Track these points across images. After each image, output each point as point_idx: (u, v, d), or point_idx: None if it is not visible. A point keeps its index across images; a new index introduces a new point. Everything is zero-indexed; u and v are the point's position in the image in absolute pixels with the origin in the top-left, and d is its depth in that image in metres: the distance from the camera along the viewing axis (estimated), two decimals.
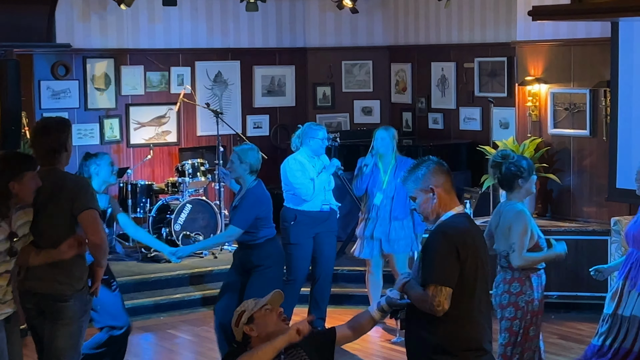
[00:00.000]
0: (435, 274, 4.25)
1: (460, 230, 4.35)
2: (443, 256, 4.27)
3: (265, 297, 4.43)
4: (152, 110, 11.40)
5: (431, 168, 4.44)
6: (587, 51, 9.59)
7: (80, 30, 10.88)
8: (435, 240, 4.32)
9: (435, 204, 4.41)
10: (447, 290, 4.24)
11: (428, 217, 4.45)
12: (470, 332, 4.35)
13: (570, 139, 9.82)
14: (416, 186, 4.43)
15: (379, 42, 12.33)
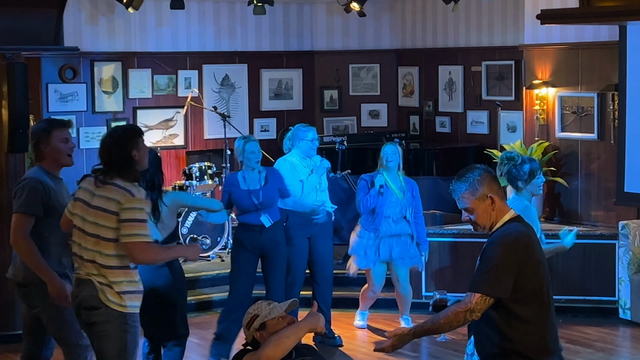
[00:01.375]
0: (489, 286, 4.20)
1: (521, 236, 4.29)
2: (499, 268, 4.21)
3: (280, 306, 4.42)
4: (160, 114, 11.41)
5: (484, 176, 4.36)
6: (595, 54, 9.57)
7: (88, 33, 10.90)
8: (494, 250, 4.25)
9: (494, 212, 4.35)
10: (490, 301, 4.22)
11: (486, 226, 4.37)
12: (544, 334, 4.34)
13: (578, 142, 9.80)
14: (473, 197, 4.33)
15: (387, 45, 12.33)
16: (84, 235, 5.09)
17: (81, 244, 5.10)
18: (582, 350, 7.90)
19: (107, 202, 5.00)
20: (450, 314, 4.23)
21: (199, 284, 9.74)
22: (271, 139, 12.00)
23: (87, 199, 5.14)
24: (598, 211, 9.68)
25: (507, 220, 4.34)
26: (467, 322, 4.26)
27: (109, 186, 5.04)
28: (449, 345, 8.04)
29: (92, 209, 5.06)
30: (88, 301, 5.04)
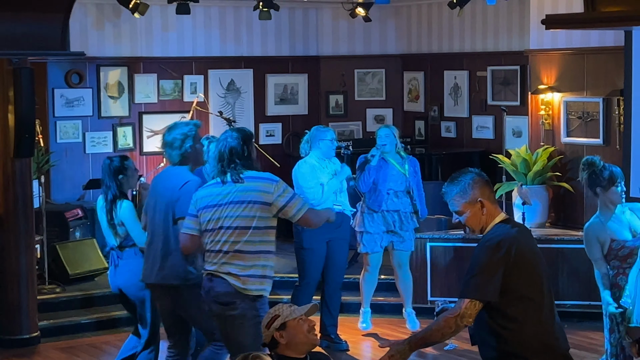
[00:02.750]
0: (477, 289, 4.23)
1: (507, 239, 4.29)
2: (485, 271, 4.23)
3: (301, 308, 4.43)
4: (165, 119, 11.40)
5: (475, 180, 4.40)
6: (601, 60, 9.57)
7: (94, 38, 10.92)
8: (479, 253, 4.29)
9: (485, 216, 4.38)
10: (480, 305, 4.23)
11: (475, 229, 4.41)
12: (540, 334, 4.33)
13: (583, 147, 9.80)
14: (463, 200, 4.37)
15: (392, 50, 12.33)
16: (220, 230, 5.40)
17: (217, 239, 5.42)
18: (587, 356, 7.88)
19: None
20: (442, 322, 4.25)
21: None
22: (276, 144, 12.01)
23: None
24: None
25: (497, 222, 4.36)
26: (459, 328, 4.25)
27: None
28: (455, 351, 8.03)
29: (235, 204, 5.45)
30: (223, 295, 5.39)
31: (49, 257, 9.39)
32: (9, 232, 8.29)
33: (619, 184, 5.95)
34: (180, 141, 5.93)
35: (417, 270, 8.91)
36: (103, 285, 9.47)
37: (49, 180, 10.59)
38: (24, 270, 8.31)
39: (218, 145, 5.56)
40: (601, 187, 5.93)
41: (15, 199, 8.29)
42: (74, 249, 9.69)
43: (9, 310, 8.30)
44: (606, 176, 5.91)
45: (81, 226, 10.19)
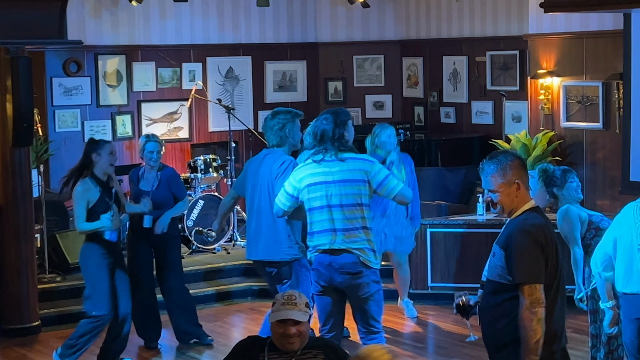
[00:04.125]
0: (529, 273, 4.29)
1: (541, 227, 4.38)
2: (531, 254, 4.30)
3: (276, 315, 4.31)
4: (164, 107, 11.42)
5: (516, 162, 4.45)
6: (600, 43, 9.55)
7: (91, 26, 10.90)
8: (520, 238, 4.33)
9: (518, 199, 4.43)
10: (540, 286, 4.30)
11: (505, 210, 4.45)
12: (552, 322, 4.39)
13: (583, 132, 9.78)
14: (502, 180, 4.42)
15: (391, 36, 12.30)
16: (331, 207, 5.74)
17: (329, 217, 5.77)
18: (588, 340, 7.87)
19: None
20: (524, 323, 4.26)
21: (204, 277, 9.74)
22: None
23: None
24: (603, 200, 9.66)
25: (527, 209, 4.42)
26: (539, 314, 4.26)
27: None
28: (454, 337, 8.04)
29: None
30: (350, 267, 5.77)
31: (49, 246, 9.39)
32: (8, 221, 8.29)
33: (573, 180, 6.26)
34: (281, 125, 6.46)
35: (417, 256, 8.92)
36: None
37: (48, 170, 10.57)
38: (24, 259, 8.31)
39: (314, 127, 5.95)
40: (556, 186, 6.24)
41: (14, 188, 8.29)
42: (74, 238, 9.65)
43: (10, 300, 8.31)
44: (558, 175, 6.24)
45: None
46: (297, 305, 4.29)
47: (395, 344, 7.78)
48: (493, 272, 4.44)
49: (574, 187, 6.28)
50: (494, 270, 4.42)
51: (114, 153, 7.23)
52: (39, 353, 7.94)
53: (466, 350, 7.67)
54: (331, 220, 5.83)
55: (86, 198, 7.03)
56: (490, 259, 4.49)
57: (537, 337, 4.27)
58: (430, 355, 7.78)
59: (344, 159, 5.85)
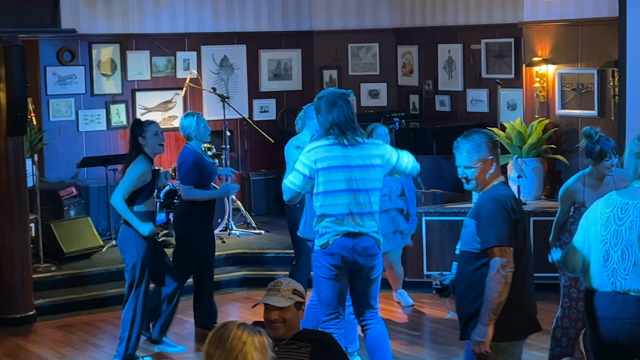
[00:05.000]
0: (499, 236, 4.50)
1: (509, 196, 4.65)
2: (500, 219, 4.52)
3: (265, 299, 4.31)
4: (159, 96, 11.39)
5: (489, 139, 4.70)
6: (595, 31, 9.53)
7: (85, 15, 10.85)
8: (489, 205, 4.57)
9: (491, 174, 4.67)
10: (510, 249, 4.51)
11: (479, 185, 4.69)
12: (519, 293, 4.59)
13: (578, 119, 9.77)
14: (479, 156, 4.65)
15: (386, 24, 12.28)
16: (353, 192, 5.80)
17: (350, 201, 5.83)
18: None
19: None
20: (492, 283, 4.47)
21: None
22: (271, 120, 11.98)
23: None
24: None
25: (498, 183, 4.69)
26: (508, 280, 4.48)
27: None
28: (448, 323, 8.04)
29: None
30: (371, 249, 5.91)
31: (43, 236, 9.38)
32: (2, 211, 8.27)
33: (609, 158, 6.26)
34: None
35: (413, 244, 8.90)
36: (98, 264, 9.48)
37: (43, 159, 10.56)
38: (18, 249, 8.30)
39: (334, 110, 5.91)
40: (592, 159, 6.30)
41: (8, 178, 8.27)
42: (69, 227, 9.68)
43: (5, 290, 8.30)
44: (597, 151, 6.26)
45: (75, 204, 10.17)
46: (280, 291, 4.28)
47: (391, 332, 7.75)
48: (464, 243, 4.66)
49: (606, 166, 6.28)
50: (465, 241, 4.64)
51: (159, 133, 7.15)
52: (34, 342, 7.94)
53: None
54: (352, 204, 5.86)
55: (143, 178, 6.99)
56: (462, 231, 4.70)
57: (501, 298, 4.48)
58: (426, 343, 7.79)
59: (361, 143, 5.89)
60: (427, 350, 7.51)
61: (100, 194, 10.41)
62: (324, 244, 5.93)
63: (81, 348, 7.72)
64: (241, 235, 10.54)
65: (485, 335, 4.52)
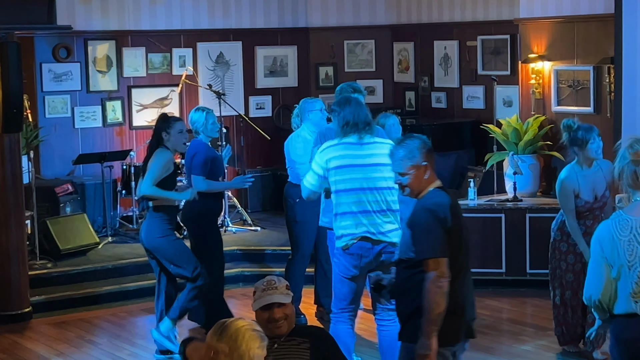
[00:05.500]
0: (432, 247, 4.49)
1: (443, 204, 4.58)
2: (433, 230, 4.50)
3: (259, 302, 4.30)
4: (154, 92, 11.38)
5: (423, 145, 4.68)
6: (591, 27, 9.53)
7: (81, 12, 10.84)
8: (422, 216, 4.54)
9: (425, 180, 4.63)
10: (444, 260, 4.49)
11: (414, 191, 4.66)
12: (457, 296, 4.59)
13: (574, 116, 9.76)
14: (411, 162, 4.63)
15: (381, 21, 12.27)
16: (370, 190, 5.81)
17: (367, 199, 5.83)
18: None
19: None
20: (429, 294, 4.46)
21: None
22: (267, 117, 11.98)
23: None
24: None
25: (433, 189, 4.65)
26: (445, 290, 4.47)
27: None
28: None
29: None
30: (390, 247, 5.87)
31: (39, 232, 9.37)
32: None
33: (593, 140, 6.39)
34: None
35: None
36: (94, 260, 9.48)
37: (39, 156, 10.56)
38: (14, 246, 8.29)
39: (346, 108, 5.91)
40: (577, 146, 6.43)
41: (4, 174, 8.26)
42: (65, 224, 9.67)
43: (1, 287, 8.29)
44: (579, 136, 6.40)
45: (71, 201, 10.17)
46: (278, 288, 4.30)
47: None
48: (402, 250, 4.66)
49: (594, 149, 6.33)
50: (403, 248, 4.64)
51: (183, 131, 7.14)
52: (30, 339, 7.93)
53: None
54: (365, 202, 5.87)
55: (168, 166, 7.03)
56: (401, 238, 4.72)
57: (440, 309, 4.46)
58: None
59: (373, 142, 5.91)
60: None
61: (96, 190, 10.41)
62: (344, 247, 5.97)
63: (77, 345, 7.71)
64: (237, 232, 10.53)
65: (430, 347, 4.46)
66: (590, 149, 6.35)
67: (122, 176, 10.56)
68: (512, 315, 8.33)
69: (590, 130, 6.39)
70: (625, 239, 4.29)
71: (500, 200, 9.31)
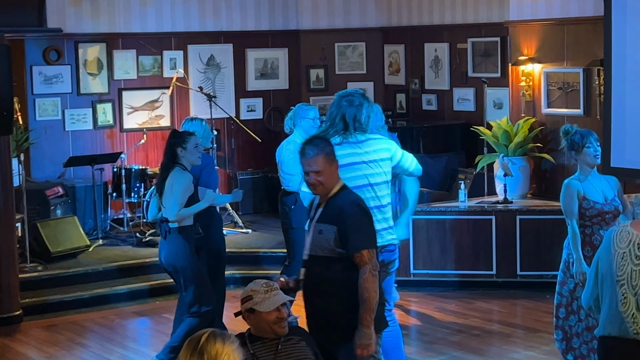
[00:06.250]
0: (368, 239, 4.70)
1: (362, 199, 4.90)
2: (366, 222, 4.72)
3: (272, 302, 4.32)
4: (145, 95, 11.37)
5: (331, 145, 4.87)
6: (580, 30, 9.56)
7: (71, 14, 10.83)
8: (353, 210, 4.71)
9: (333, 178, 4.81)
10: (375, 251, 4.73)
11: (327, 189, 4.77)
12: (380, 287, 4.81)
13: (564, 118, 9.80)
14: (325, 161, 4.76)
15: (372, 23, 12.29)
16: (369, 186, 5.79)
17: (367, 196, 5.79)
18: None
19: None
20: (366, 284, 4.60)
21: None
22: (257, 119, 11.98)
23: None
24: None
25: (341, 186, 4.84)
26: (377, 277, 4.67)
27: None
28: (435, 321, 8.07)
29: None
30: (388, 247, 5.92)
31: (30, 235, 9.35)
32: None
33: (590, 144, 6.25)
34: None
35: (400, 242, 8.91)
36: (85, 263, 9.47)
37: (29, 158, 10.54)
38: (5, 249, 8.28)
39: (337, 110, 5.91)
40: (574, 150, 6.28)
41: None
42: (55, 227, 9.65)
43: None
44: (577, 140, 6.27)
45: (62, 204, 10.15)
46: (278, 289, 4.39)
47: None
48: (320, 248, 4.71)
49: (591, 153, 6.23)
50: (321, 246, 4.70)
51: (198, 145, 6.89)
52: (21, 342, 7.92)
53: (449, 337, 7.71)
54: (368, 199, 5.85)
55: (190, 189, 6.74)
56: (315, 237, 4.74)
57: (377, 298, 4.65)
58: (413, 342, 7.79)
59: (366, 139, 5.92)
60: (413, 348, 7.53)
61: (87, 193, 10.40)
62: None
63: (68, 348, 7.70)
64: (229, 235, 10.52)
65: (372, 336, 4.61)
66: (587, 153, 6.22)
67: (112, 179, 10.55)
68: (502, 317, 8.34)
69: (587, 135, 6.29)
70: (621, 251, 4.13)
71: (491, 202, 9.33)
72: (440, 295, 8.93)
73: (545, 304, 8.47)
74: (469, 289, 9.05)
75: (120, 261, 9.48)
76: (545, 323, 7.91)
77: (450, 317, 8.27)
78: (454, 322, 8.14)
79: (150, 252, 9.78)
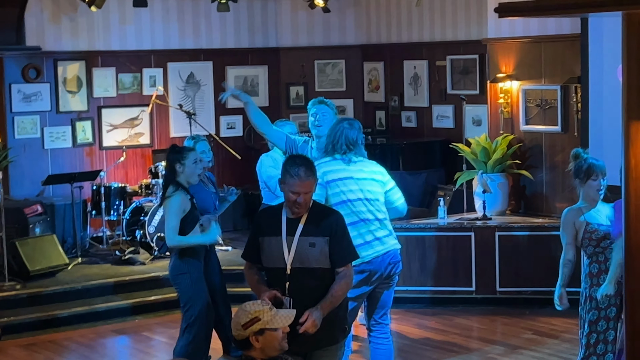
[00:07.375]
0: (354, 252, 5.01)
1: None
2: (349, 234, 4.99)
3: (283, 318, 4.33)
4: (125, 112, 11.36)
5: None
6: (558, 47, 9.64)
7: (50, 32, 10.82)
8: (341, 223, 4.92)
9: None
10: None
11: (308, 207, 4.86)
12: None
13: (542, 135, 9.87)
14: (314, 184, 4.89)
15: (352, 41, 12.34)
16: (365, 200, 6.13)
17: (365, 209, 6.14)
18: (548, 342, 7.95)
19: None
20: (343, 286, 4.85)
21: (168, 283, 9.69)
22: (237, 136, 11.99)
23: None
24: (563, 203, 9.71)
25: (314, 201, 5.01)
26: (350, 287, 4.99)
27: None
28: (416, 340, 8.07)
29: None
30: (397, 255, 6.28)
31: (8, 254, 9.30)
32: None
33: (596, 177, 6.02)
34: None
35: None
36: (64, 282, 9.42)
37: (8, 176, 10.49)
38: None
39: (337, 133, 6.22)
40: (579, 179, 6.07)
41: None
42: (34, 245, 9.60)
43: None
44: (584, 168, 6.04)
45: (41, 222, 10.10)
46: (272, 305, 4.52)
47: (359, 347, 7.80)
48: (313, 261, 4.80)
49: (594, 186, 6.03)
50: (315, 259, 4.80)
51: (198, 161, 6.74)
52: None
53: (428, 354, 7.71)
54: (367, 211, 6.16)
55: (183, 208, 6.59)
56: (306, 250, 4.80)
57: (341, 300, 4.90)
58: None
59: (359, 161, 6.23)
60: None
61: (66, 211, 10.35)
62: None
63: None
64: None
65: (320, 319, 4.73)
66: (591, 185, 6.01)
67: (92, 197, 10.52)
68: (481, 334, 8.36)
69: (596, 167, 6.04)
70: None
71: (470, 218, 9.36)
72: (419, 312, 8.94)
73: (524, 319, 8.51)
74: (449, 305, 9.06)
75: (99, 279, 9.44)
76: (525, 339, 7.94)
77: (430, 334, 8.28)
78: (434, 338, 8.15)
79: (130, 270, 9.75)
